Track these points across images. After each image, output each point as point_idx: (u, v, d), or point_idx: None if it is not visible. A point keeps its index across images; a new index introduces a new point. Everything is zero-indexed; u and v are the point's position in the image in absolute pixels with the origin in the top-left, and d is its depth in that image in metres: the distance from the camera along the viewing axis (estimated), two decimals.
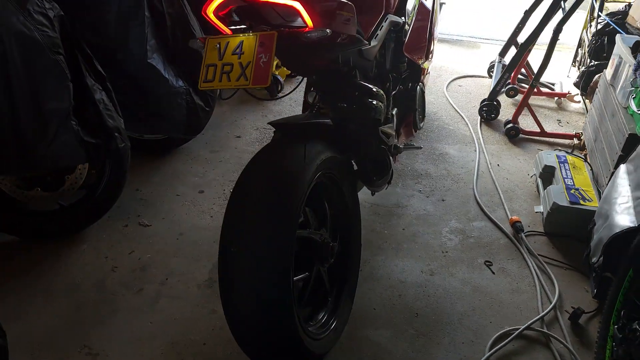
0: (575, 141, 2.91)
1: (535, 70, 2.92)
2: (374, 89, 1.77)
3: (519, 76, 3.47)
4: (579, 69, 3.49)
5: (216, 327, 1.77)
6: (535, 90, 2.97)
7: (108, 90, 2.08)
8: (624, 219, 1.75)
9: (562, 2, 2.79)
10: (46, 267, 1.95)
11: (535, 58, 3.36)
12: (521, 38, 3.28)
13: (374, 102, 1.73)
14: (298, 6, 1.26)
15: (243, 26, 1.35)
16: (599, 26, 3.06)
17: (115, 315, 1.77)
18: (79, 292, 1.86)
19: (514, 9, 5.14)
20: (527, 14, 3.30)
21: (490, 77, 3.63)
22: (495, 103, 3.10)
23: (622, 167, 1.95)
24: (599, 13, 3.11)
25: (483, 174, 2.70)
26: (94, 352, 1.64)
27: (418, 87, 2.28)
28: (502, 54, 3.49)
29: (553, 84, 3.54)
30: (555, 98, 3.40)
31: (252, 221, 1.30)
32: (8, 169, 1.86)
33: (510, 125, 2.96)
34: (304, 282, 1.56)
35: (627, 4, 3.05)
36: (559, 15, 2.80)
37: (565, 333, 1.81)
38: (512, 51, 3.39)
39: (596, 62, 3.03)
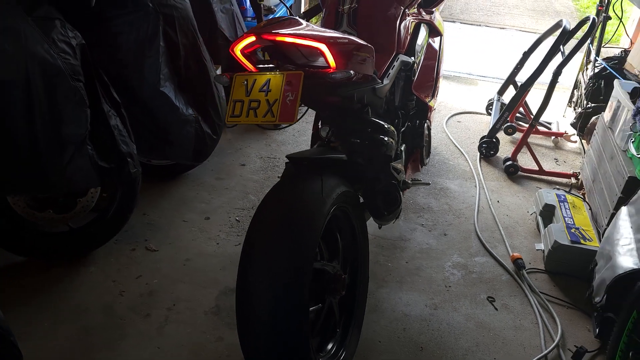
0: (573, 180, 2.98)
1: (533, 109, 3.00)
2: (386, 126, 1.83)
3: (517, 114, 3.56)
4: (574, 109, 3.60)
5: (223, 355, 1.78)
6: (533, 129, 3.05)
7: (122, 116, 2.12)
8: (627, 261, 1.79)
9: (561, 46, 2.89)
10: (55, 288, 1.96)
11: (533, 97, 3.47)
12: (519, 77, 3.39)
13: (386, 139, 1.79)
14: (324, 48, 1.32)
15: (270, 65, 1.40)
16: (596, 70, 3.18)
17: (124, 340, 1.77)
18: (87, 314, 1.86)
19: (510, 48, 5.31)
20: (526, 55, 3.41)
21: (489, 114, 3.72)
22: (494, 140, 3.18)
23: (624, 209, 2.01)
24: (596, 57, 3.23)
25: (483, 209, 2.75)
26: None
27: (425, 124, 2.34)
28: (501, 92, 3.59)
29: (550, 123, 3.63)
30: (552, 137, 3.49)
31: (271, 253, 1.33)
32: (24, 189, 1.88)
33: (509, 162, 3.03)
34: (316, 313, 1.58)
35: (624, 50, 3.18)
36: (558, 58, 2.90)
37: None
38: (510, 90, 3.50)
39: (593, 105, 3.13)
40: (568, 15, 7.13)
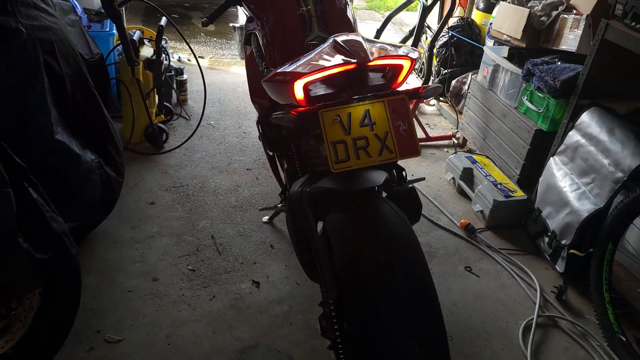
0: (454, 140, 3.30)
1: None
2: None
3: None
4: (419, 77, 3.95)
5: None
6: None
7: (34, 184, 1.58)
8: (585, 204, 2.08)
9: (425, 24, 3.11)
10: None
11: None
12: None
13: None
14: (406, 64, 1.16)
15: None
16: (444, 39, 3.52)
17: None
18: None
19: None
20: (379, 32, 3.58)
21: None
22: None
23: (554, 160, 2.31)
24: (446, 29, 3.54)
25: None
26: None
27: None
28: None
29: None
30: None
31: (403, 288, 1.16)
32: None
33: None
34: None
35: (461, 17, 3.58)
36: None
37: (561, 310, 2.07)
38: None
39: (450, 70, 3.47)
40: None
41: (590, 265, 2.05)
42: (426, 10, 3.07)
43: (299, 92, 1.18)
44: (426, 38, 3.72)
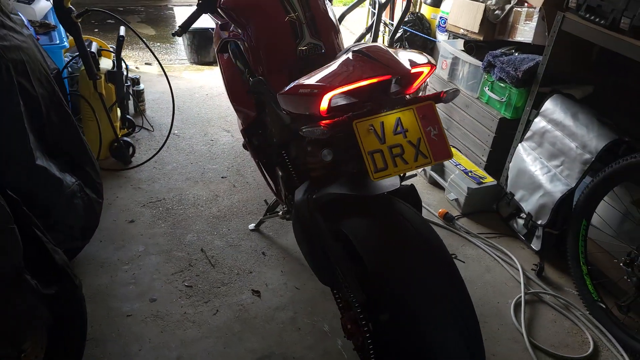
0: None
1: None
2: None
3: None
4: None
5: None
6: None
7: (29, 216, 1.50)
8: (557, 185, 2.23)
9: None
10: None
11: None
12: None
13: None
14: (426, 71, 1.21)
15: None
16: (398, 34, 3.62)
17: None
18: None
19: None
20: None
21: None
22: None
23: (523, 145, 2.46)
24: (400, 25, 3.62)
25: None
26: None
27: None
28: None
29: None
30: None
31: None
32: None
33: None
34: None
35: (412, 13, 3.68)
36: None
37: (543, 286, 2.22)
38: None
39: None
40: None
41: (563, 242, 2.22)
42: (382, 7, 3.15)
43: (324, 104, 1.20)
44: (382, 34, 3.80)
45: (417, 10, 3.75)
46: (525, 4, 2.67)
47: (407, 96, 1.29)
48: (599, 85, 2.50)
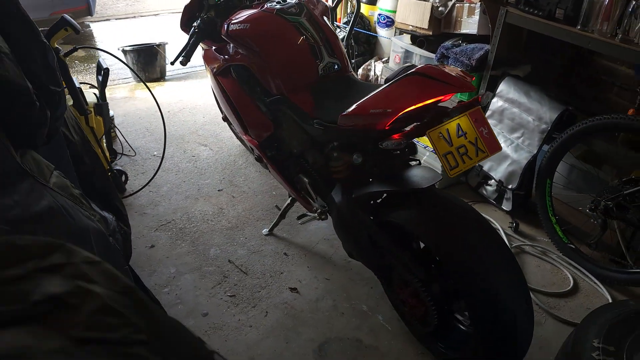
0: None
1: None
2: None
3: None
4: None
5: None
6: None
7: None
8: (521, 154, 2.65)
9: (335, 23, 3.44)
10: None
11: None
12: None
13: None
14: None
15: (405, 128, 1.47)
16: (343, 34, 3.89)
17: None
18: None
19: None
20: None
21: None
22: None
23: None
24: (345, 25, 3.91)
25: None
26: None
27: None
28: None
29: None
30: None
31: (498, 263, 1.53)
32: None
33: None
34: None
35: (352, 12, 3.96)
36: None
37: (521, 239, 2.65)
38: None
39: (354, 61, 3.88)
40: None
41: (529, 201, 2.66)
42: (333, 11, 3.41)
43: (392, 121, 1.45)
44: None
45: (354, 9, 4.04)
46: (465, 0, 3.06)
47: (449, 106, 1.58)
48: (533, 64, 2.96)
